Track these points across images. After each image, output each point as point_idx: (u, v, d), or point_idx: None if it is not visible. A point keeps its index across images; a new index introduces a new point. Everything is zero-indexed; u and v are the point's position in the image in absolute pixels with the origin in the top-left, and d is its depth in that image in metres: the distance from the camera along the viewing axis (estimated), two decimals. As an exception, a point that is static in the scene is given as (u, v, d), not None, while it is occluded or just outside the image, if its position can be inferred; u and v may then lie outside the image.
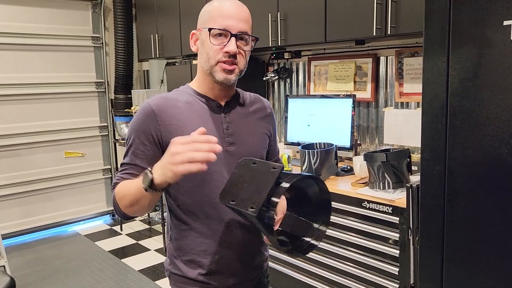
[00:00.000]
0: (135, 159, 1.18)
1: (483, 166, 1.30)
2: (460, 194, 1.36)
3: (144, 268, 3.48)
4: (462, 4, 1.29)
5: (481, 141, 1.29)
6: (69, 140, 4.44)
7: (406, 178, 2.15)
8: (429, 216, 1.45)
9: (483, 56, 1.27)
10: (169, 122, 1.18)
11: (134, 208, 1.11)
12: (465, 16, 1.29)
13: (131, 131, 1.21)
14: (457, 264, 1.39)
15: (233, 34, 1.16)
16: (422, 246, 1.49)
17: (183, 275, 1.24)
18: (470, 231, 1.34)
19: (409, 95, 2.64)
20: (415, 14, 2.14)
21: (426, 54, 1.39)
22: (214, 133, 1.21)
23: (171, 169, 0.95)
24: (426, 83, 1.41)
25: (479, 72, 1.28)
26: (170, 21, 3.88)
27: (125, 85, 4.50)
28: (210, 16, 1.19)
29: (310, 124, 2.95)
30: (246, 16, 1.20)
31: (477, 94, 1.29)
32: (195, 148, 0.93)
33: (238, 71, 1.21)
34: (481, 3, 1.25)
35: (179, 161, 0.93)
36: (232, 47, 1.16)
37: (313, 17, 2.64)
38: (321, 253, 2.42)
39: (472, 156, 1.31)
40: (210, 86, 1.24)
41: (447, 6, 1.33)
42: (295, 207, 1.16)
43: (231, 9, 1.18)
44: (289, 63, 3.38)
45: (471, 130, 1.31)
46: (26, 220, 4.23)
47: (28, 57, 4.12)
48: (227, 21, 1.16)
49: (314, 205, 1.13)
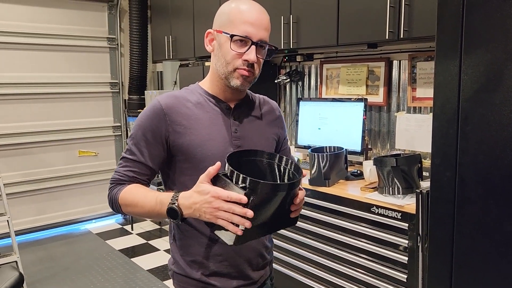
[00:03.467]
0: (140, 156, 1.18)
1: (494, 173, 1.27)
2: (470, 201, 1.33)
3: (153, 268, 3.50)
4: (475, 8, 1.27)
5: (493, 147, 1.26)
6: (83, 140, 4.50)
7: (416, 183, 2.12)
8: (438, 223, 1.43)
9: (496, 60, 1.24)
10: (179, 122, 1.18)
11: (139, 215, 1.17)
12: (478, 20, 1.27)
13: (138, 127, 1.20)
14: (467, 272, 1.36)
15: (254, 42, 1.15)
16: (431, 253, 1.47)
17: (186, 275, 1.24)
18: (481, 238, 1.31)
19: (422, 99, 2.61)
20: (429, 17, 2.11)
21: (438, 58, 1.37)
22: (223, 135, 1.21)
23: (212, 217, 1.00)
24: (438, 87, 1.39)
25: (491, 77, 1.25)
26: (184, 23, 3.91)
27: (139, 86, 4.55)
28: (230, 20, 1.16)
29: (321, 127, 2.94)
30: (267, 24, 1.18)
31: (490, 99, 1.26)
32: (233, 211, 0.96)
33: (253, 78, 1.21)
34: (494, 6, 1.23)
35: (221, 216, 0.98)
36: (252, 56, 1.15)
37: (325, 20, 2.63)
38: (327, 256, 2.40)
39: (484, 162, 1.29)
40: (222, 89, 1.24)
41: (460, 9, 1.31)
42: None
43: (253, 15, 1.15)
44: (301, 66, 3.37)
45: (483, 136, 1.28)
46: (38, 218, 4.30)
47: (44, 57, 4.19)
48: (248, 28, 1.14)
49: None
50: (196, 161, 1.18)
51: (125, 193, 1.16)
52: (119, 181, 1.19)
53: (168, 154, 1.20)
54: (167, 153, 1.20)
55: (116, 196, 1.17)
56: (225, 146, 1.21)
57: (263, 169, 1.15)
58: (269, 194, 0.98)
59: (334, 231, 2.36)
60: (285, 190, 1.00)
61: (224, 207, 0.97)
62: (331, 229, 2.38)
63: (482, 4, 1.26)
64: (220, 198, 0.98)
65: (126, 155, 1.20)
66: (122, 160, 1.21)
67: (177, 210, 1.04)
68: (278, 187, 1.00)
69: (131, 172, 1.18)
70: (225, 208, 0.97)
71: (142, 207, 1.12)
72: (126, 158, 1.20)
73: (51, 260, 3.71)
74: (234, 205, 0.96)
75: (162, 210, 1.07)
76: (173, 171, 1.22)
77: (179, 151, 1.19)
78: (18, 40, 4.02)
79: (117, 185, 1.19)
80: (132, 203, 1.14)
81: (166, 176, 1.26)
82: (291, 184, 1.01)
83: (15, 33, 4.00)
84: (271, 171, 1.16)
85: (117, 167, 1.22)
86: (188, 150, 1.18)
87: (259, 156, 1.16)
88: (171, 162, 1.21)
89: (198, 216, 1.02)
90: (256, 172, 1.10)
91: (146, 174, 1.20)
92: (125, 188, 1.17)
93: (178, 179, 1.22)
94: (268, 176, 1.15)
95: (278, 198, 1.00)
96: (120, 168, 1.20)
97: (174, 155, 1.20)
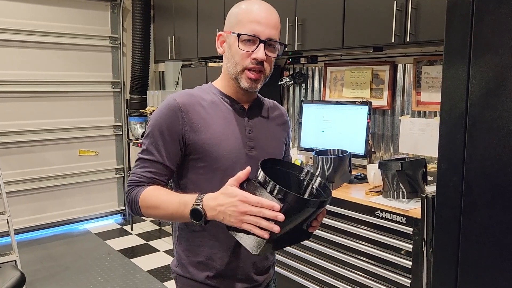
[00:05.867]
0: (158, 156, 1.16)
1: (501, 179, 1.26)
2: (477, 206, 1.32)
3: (152, 269, 3.49)
4: (485, 12, 1.26)
5: (500, 153, 1.26)
6: (83, 139, 4.49)
7: (421, 188, 2.11)
8: (444, 228, 1.42)
9: (505, 65, 1.23)
10: (195, 120, 1.17)
11: (161, 218, 1.14)
12: (487, 25, 1.26)
13: (154, 125, 1.17)
14: (472, 279, 1.35)
15: (262, 40, 1.14)
16: (436, 258, 1.46)
17: (191, 278, 1.23)
18: (487, 244, 1.30)
19: (427, 104, 2.60)
20: (436, 21, 2.11)
21: (446, 62, 1.37)
22: (237, 136, 1.21)
23: (237, 220, 0.97)
24: (446, 92, 1.38)
25: (500, 82, 1.25)
26: (187, 23, 3.90)
27: (140, 85, 4.53)
28: (238, 20, 1.16)
29: (324, 130, 2.93)
30: (275, 22, 1.17)
31: (498, 104, 1.25)
32: (263, 214, 0.94)
33: (264, 78, 1.20)
34: (504, 11, 1.22)
35: (247, 220, 0.96)
36: (261, 54, 1.14)
37: (331, 23, 2.62)
38: (331, 260, 2.39)
39: (491, 168, 1.28)
40: (235, 90, 1.24)
41: (470, 13, 1.30)
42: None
43: (261, 14, 1.15)
44: (305, 68, 3.36)
45: (491, 141, 1.28)
46: (38, 216, 4.28)
47: (46, 55, 4.19)
48: (256, 27, 1.14)
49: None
50: (211, 160, 1.17)
51: (145, 195, 1.13)
52: (138, 182, 1.16)
53: (183, 152, 1.18)
54: (184, 151, 1.18)
55: (136, 198, 1.15)
56: (239, 146, 1.20)
57: (291, 181, 1.15)
58: (298, 209, 0.97)
59: (338, 234, 2.35)
60: (314, 207, 0.99)
61: (253, 211, 0.95)
62: (335, 232, 2.36)
63: (491, 9, 1.25)
64: (249, 202, 0.96)
65: (143, 155, 1.17)
66: (139, 161, 1.18)
67: (201, 211, 1.01)
68: (309, 203, 0.99)
69: (149, 173, 1.16)
70: (254, 212, 0.95)
71: (165, 209, 1.10)
72: (143, 159, 1.17)
73: (50, 259, 3.69)
74: (264, 209, 0.94)
75: (186, 212, 1.04)
76: (187, 170, 1.20)
77: (194, 150, 1.17)
78: (20, 38, 4.02)
79: (136, 186, 1.16)
80: (154, 205, 1.12)
81: (179, 175, 1.23)
82: (322, 202, 1.01)
83: (18, 31, 3.99)
84: (299, 184, 1.15)
85: (134, 168, 1.19)
86: (203, 148, 1.16)
87: (294, 169, 1.15)
88: (185, 161, 1.19)
89: (222, 219, 1.00)
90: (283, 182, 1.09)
91: (165, 174, 1.18)
92: (145, 190, 1.14)
93: (192, 178, 1.20)
94: (294, 189, 1.14)
95: (305, 214, 1.00)
96: (138, 169, 1.18)
97: (189, 154, 1.18)
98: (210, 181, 1.16)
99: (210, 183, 1.16)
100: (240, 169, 1.01)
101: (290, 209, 0.96)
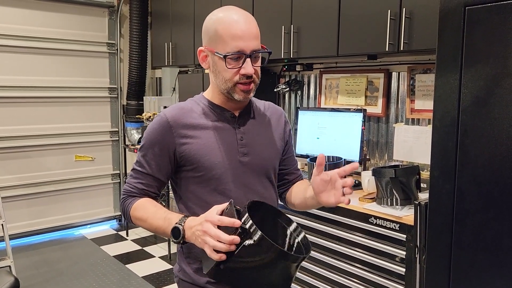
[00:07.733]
0: (149, 169, 1.23)
1: (493, 186, 1.28)
2: (469, 213, 1.34)
3: (148, 275, 3.48)
4: (476, 22, 1.29)
5: (492, 160, 1.28)
6: (80, 144, 4.48)
7: (414, 195, 2.13)
8: (437, 235, 1.43)
9: (496, 75, 1.26)
10: (184, 133, 1.21)
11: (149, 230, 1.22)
12: (478, 34, 1.29)
13: (146, 140, 1.24)
14: (465, 285, 1.36)
15: (247, 55, 1.15)
16: (429, 265, 1.47)
17: (192, 282, 1.25)
18: (479, 251, 1.32)
19: (420, 111, 2.63)
20: (429, 30, 2.14)
21: (438, 71, 1.39)
22: (228, 143, 1.23)
23: (201, 240, 1.00)
24: (438, 100, 1.40)
25: (491, 91, 1.27)
26: (184, 30, 3.92)
27: (137, 91, 4.55)
28: (218, 37, 1.16)
29: (319, 137, 2.95)
30: (255, 32, 1.18)
31: (489, 113, 1.27)
32: (219, 238, 0.96)
33: (255, 87, 1.22)
34: (495, 22, 1.25)
35: (207, 241, 0.98)
36: (249, 69, 1.16)
37: (326, 31, 2.65)
38: (325, 267, 2.39)
39: (483, 175, 1.30)
40: (225, 100, 1.25)
41: (461, 24, 1.32)
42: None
43: (240, 27, 1.14)
44: (300, 76, 3.39)
45: (482, 149, 1.30)
46: (33, 222, 4.26)
47: (43, 61, 4.19)
48: (239, 43, 1.14)
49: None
50: (204, 170, 1.20)
51: (136, 207, 1.22)
52: (130, 193, 1.25)
53: (176, 165, 1.23)
54: (175, 164, 1.23)
55: (128, 209, 1.23)
56: (231, 153, 1.22)
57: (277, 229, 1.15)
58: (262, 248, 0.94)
59: (332, 241, 2.36)
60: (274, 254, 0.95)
61: (211, 232, 0.97)
62: (329, 238, 2.38)
63: (483, 20, 1.28)
64: (211, 221, 0.98)
65: (136, 166, 1.25)
66: (133, 171, 1.26)
67: (180, 230, 1.06)
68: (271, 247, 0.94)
69: (140, 185, 1.24)
70: (212, 233, 0.97)
71: (151, 224, 1.17)
72: (136, 170, 1.25)
73: (45, 264, 3.67)
74: (221, 232, 0.96)
75: (168, 229, 1.10)
76: (184, 180, 1.25)
77: (187, 161, 1.21)
78: (18, 44, 4.02)
79: (129, 197, 1.25)
80: (142, 218, 1.20)
81: (178, 186, 1.28)
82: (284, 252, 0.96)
83: (16, 37, 4.00)
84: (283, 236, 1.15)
85: (128, 178, 1.27)
86: (195, 159, 1.20)
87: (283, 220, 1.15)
88: (181, 172, 1.24)
89: (194, 240, 1.04)
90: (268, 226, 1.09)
91: (155, 186, 1.25)
92: (136, 202, 1.22)
93: (189, 188, 1.24)
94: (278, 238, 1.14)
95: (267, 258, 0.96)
96: (131, 179, 1.26)
97: (183, 165, 1.22)
98: (207, 190, 1.21)
99: (208, 192, 1.21)
100: (234, 176, 1.03)
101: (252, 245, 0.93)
